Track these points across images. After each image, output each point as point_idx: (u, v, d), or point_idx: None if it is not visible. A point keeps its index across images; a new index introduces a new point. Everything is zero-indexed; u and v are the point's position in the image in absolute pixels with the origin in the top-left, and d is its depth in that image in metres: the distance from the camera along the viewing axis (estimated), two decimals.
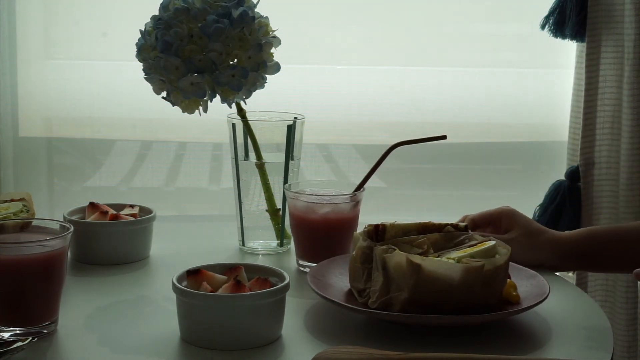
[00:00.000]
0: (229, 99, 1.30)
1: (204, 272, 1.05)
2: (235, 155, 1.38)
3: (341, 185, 1.35)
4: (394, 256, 1.06)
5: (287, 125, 1.35)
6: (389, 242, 1.12)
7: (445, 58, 2.13)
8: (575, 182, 1.91)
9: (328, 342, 1.04)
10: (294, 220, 1.31)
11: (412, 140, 1.30)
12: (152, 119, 2.14)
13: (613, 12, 1.85)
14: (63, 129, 2.17)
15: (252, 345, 1.02)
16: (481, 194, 2.18)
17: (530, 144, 2.18)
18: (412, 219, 1.17)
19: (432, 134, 1.30)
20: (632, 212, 1.85)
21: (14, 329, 1.03)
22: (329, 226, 1.29)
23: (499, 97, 2.11)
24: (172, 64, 1.25)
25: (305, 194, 1.31)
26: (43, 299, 1.04)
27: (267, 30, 1.31)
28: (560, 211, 1.92)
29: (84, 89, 2.11)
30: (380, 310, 1.07)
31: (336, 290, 1.15)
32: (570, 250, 1.31)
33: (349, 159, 2.17)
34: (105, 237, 1.31)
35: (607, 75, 1.87)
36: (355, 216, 1.31)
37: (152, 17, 1.30)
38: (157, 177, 2.19)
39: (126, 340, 1.04)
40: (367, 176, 1.31)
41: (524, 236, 1.30)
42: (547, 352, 1.04)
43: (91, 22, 2.10)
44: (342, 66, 2.14)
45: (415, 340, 1.05)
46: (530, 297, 1.11)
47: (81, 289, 1.21)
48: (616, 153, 1.87)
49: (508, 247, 1.11)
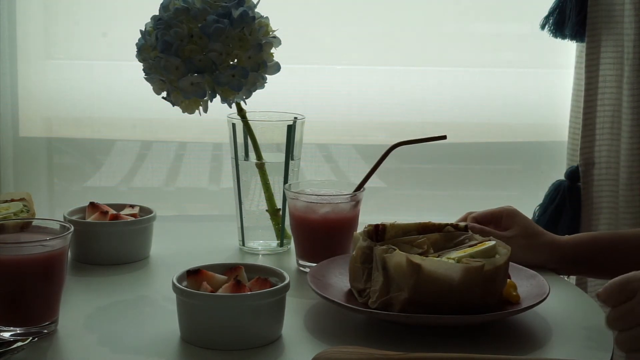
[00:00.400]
0: (229, 99, 1.30)
1: (204, 272, 1.05)
2: (235, 155, 1.38)
3: (341, 185, 1.35)
4: (394, 256, 1.06)
5: (287, 125, 1.35)
6: (389, 242, 1.12)
7: (445, 58, 2.13)
8: (575, 182, 1.91)
9: (328, 342, 1.04)
10: (294, 220, 1.31)
11: (412, 140, 1.30)
12: (152, 119, 2.14)
13: (613, 12, 1.85)
14: (63, 129, 2.17)
15: (252, 345, 1.02)
16: (481, 194, 2.18)
17: (530, 144, 2.18)
18: (412, 219, 1.18)
19: (432, 134, 1.30)
20: (632, 212, 1.85)
21: (14, 329, 1.03)
22: (329, 226, 1.29)
23: (499, 97, 2.11)
24: (172, 64, 1.25)
25: (305, 194, 1.31)
26: (43, 299, 1.04)
27: (267, 31, 1.31)
28: (560, 211, 1.92)
29: (84, 89, 2.11)
30: (380, 310, 1.07)
31: (336, 290, 1.15)
32: (569, 255, 1.31)
33: (349, 159, 2.17)
34: (105, 237, 1.31)
35: (606, 75, 1.87)
36: (355, 216, 1.31)
37: (152, 17, 1.30)
38: (157, 177, 2.19)
39: (126, 340, 1.04)
40: (367, 176, 1.31)
41: (523, 236, 1.30)
42: (547, 352, 1.04)
43: (91, 22, 2.10)
44: (342, 66, 2.14)
45: (415, 340, 1.05)
46: (530, 297, 1.11)
47: (81, 289, 1.21)
48: (616, 153, 1.87)
49: (508, 247, 1.11)
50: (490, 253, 1.10)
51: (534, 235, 1.31)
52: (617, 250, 1.31)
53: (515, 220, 1.33)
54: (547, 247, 1.31)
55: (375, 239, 1.13)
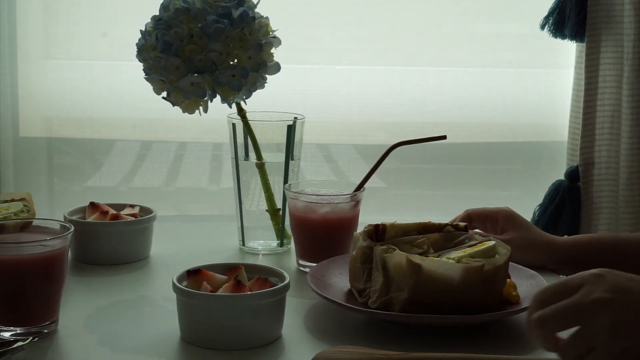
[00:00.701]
0: (229, 99, 1.30)
1: (204, 272, 1.05)
2: (235, 155, 1.38)
3: (341, 185, 1.35)
4: (394, 256, 1.06)
5: (287, 125, 1.35)
6: (389, 242, 1.12)
7: (445, 58, 2.14)
8: (575, 182, 1.92)
9: (328, 342, 1.04)
10: (294, 220, 1.31)
11: (412, 141, 1.30)
12: (152, 119, 2.14)
13: (613, 12, 1.85)
14: (63, 129, 2.17)
15: (252, 345, 1.02)
16: (481, 194, 2.18)
17: (530, 144, 2.18)
18: (412, 219, 1.17)
19: (432, 134, 1.30)
20: (631, 212, 1.86)
21: (14, 329, 1.03)
22: (329, 226, 1.29)
23: (499, 97, 2.12)
24: (172, 64, 1.25)
25: (305, 194, 1.31)
26: (43, 298, 1.04)
27: (267, 31, 1.31)
28: (560, 211, 1.92)
29: (84, 89, 2.11)
30: (381, 310, 1.07)
31: (336, 290, 1.15)
32: (568, 255, 1.30)
33: (349, 159, 2.17)
34: (105, 237, 1.31)
35: (606, 75, 1.87)
36: (355, 216, 1.31)
37: (153, 17, 1.30)
38: (157, 177, 2.19)
39: (126, 340, 1.04)
40: (367, 176, 1.31)
41: (522, 238, 1.30)
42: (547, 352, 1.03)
43: (91, 22, 2.10)
44: (342, 66, 2.14)
45: (415, 340, 1.05)
46: (530, 297, 1.10)
47: (81, 289, 1.21)
48: (616, 153, 1.87)
49: (508, 247, 1.11)
50: (490, 253, 1.10)
51: (533, 236, 1.31)
52: (618, 252, 1.31)
53: (514, 222, 1.32)
54: (547, 248, 1.31)
55: (375, 238, 1.13)
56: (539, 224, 1.92)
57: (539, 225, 1.91)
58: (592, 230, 1.91)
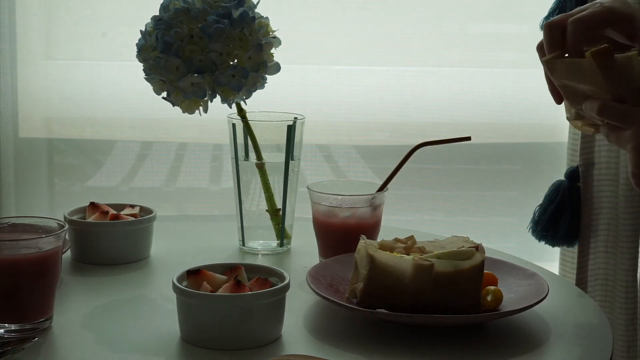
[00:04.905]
0: (229, 99, 1.30)
1: (204, 272, 1.05)
2: (235, 155, 1.38)
3: (360, 185, 1.34)
4: (361, 248, 1.10)
5: (287, 125, 1.35)
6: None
7: (445, 58, 2.14)
8: (575, 183, 1.92)
9: (328, 342, 1.04)
10: (317, 222, 1.31)
11: (436, 141, 1.29)
12: (152, 119, 2.14)
13: None
14: (63, 129, 2.18)
15: (252, 345, 1.02)
16: (481, 194, 2.18)
17: (531, 144, 2.18)
18: (411, 219, 1.18)
19: (432, 134, 1.30)
20: (631, 212, 1.86)
21: (8, 326, 1.03)
22: (349, 227, 1.28)
23: (499, 97, 2.12)
24: (173, 64, 1.25)
25: (328, 194, 1.30)
26: (37, 296, 1.04)
27: (267, 31, 1.31)
28: (560, 211, 1.92)
29: (84, 89, 2.11)
30: (383, 310, 1.07)
31: (336, 290, 1.15)
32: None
33: (349, 159, 2.17)
34: (105, 237, 1.31)
35: None
36: (378, 219, 1.32)
37: (153, 17, 1.30)
38: (157, 177, 2.19)
39: (126, 340, 1.04)
40: (390, 176, 1.31)
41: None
42: (547, 352, 1.04)
43: (91, 22, 2.11)
44: (342, 66, 2.14)
45: (415, 339, 1.05)
46: (530, 297, 1.11)
47: (81, 289, 1.21)
48: (616, 153, 1.87)
49: (483, 255, 1.09)
50: (463, 256, 1.08)
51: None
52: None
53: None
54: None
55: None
56: (539, 224, 1.92)
57: (539, 225, 1.91)
58: (592, 230, 1.91)
